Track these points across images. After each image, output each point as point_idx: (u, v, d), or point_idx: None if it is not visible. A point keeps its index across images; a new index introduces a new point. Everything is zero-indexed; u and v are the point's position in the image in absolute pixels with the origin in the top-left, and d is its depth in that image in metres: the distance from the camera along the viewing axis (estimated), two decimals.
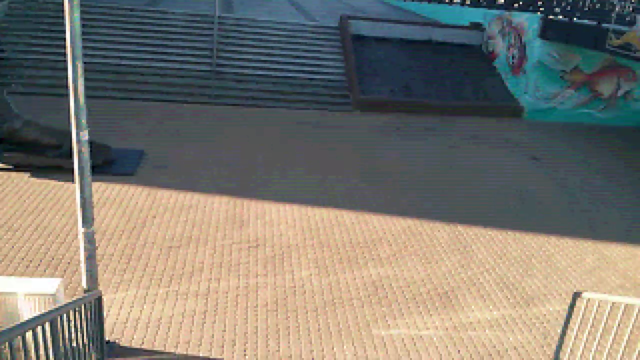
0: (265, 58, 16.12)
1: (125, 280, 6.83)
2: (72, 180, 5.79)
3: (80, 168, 4.84)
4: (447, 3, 23.39)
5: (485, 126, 15.25)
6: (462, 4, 21.81)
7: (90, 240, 5.24)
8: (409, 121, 14.91)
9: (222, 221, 8.57)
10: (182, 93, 14.55)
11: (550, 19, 15.62)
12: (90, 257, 5.34)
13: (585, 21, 14.42)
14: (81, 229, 5.19)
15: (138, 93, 14.23)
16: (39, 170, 9.45)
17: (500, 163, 12.68)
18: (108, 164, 10.08)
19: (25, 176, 9.37)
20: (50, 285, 5.16)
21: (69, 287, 6.50)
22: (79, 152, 4.79)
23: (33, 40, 14.90)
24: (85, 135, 4.74)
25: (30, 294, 5.11)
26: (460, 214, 9.75)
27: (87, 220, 5.13)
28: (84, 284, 5.40)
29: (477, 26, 18.91)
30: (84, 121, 4.71)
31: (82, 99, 4.65)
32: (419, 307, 6.99)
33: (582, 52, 15.57)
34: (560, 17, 15.63)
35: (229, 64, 15.68)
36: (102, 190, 9.16)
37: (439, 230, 9.09)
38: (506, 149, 13.71)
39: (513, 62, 16.91)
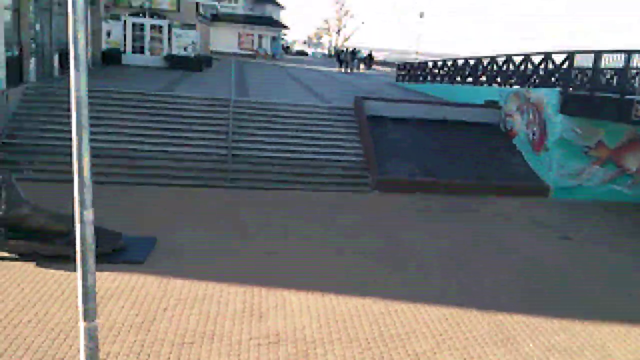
0: (282, 140, 15.88)
1: None
2: None
3: (82, 253, 4.24)
4: (459, 83, 23.48)
5: (511, 206, 14.63)
6: (475, 83, 21.84)
7: (92, 336, 4.56)
8: (430, 201, 14.34)
9: (239, 313, 7.82)
10: (197, 177, 14.18)
11: (570, 93, 15.37)
12: (92, 358, 4.63)
13: (607, 94, 14.09)
14: (82, 324, 4.53)
15: (152, 178, 13.87)
16: (45, 260, 8.87)
17: (531, 244, 11.94)
18: (117, 252, 9.49)
19: (30, 266, 8.77)
20: None
21: None
22: (82, 234, 4.21)
23: (47, 126, 14.79)
24: (89, 215, 4.18)
25: None
26: (497, 300, 8.94)
27: (89, 313, 4.48)
28: None
29: (493, 104, 18.74)
30: (88, 199, 4.16)
31: (86, 172, 4.12)
32: None
33: (606, 126, 15.18)
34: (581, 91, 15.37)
35: (245, 147, 15.41)
36: (110, 280, 8.51)
37: (477, 320, 8.25)
38: (535, 229, 13.00)
39: (534, 139, 16.53)
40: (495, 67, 20.71)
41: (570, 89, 15.63)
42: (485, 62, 21.61)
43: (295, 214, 12.58)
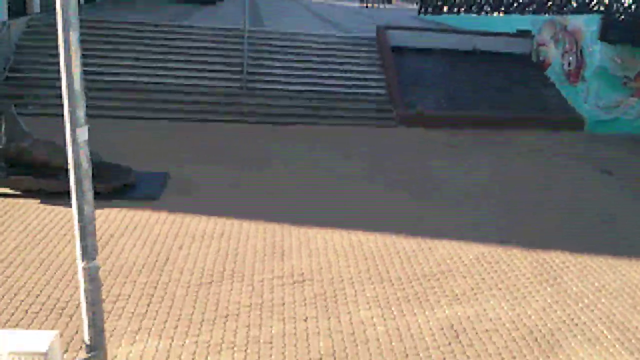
0: (300, 73, 14.94)
1: (144, 328, 5.48)
2: None
3: (77, 180, 3.54)
4: (486, 14, 22.04)
5: (544, 139, 13.72)
6: (506, 11, 20.43)
7: (92, 277, 3.93)
8: (459, 135, 13.47)
9: (260, 251, 7.20)
10: (210, 111, 13.40)
11: (613, 19, 14.13)
12: (94, 302, 4.03)
13: None
14: (80, 263, 3.90)
15: (163, 112, 13.13)
16: (49, 196, 8.27)
17: (570, 179, 11.12)
18: (129, 188, 8.86)
19: (34, 202, 8.19)
20: (42, 340, 3.86)
21: (73, 339, 5.17)
22: (75, 157, 3.50)
23: (52, 60, 13.97)
24: (83, 134, 3.46)
25: (16, 353, 3.82)
26: (539, 238, 8.23)
27: (88, 250, 3.83)
28: (85, 339, 4.07)
29: (525, 33, 17.49)
30: (81, 113, 3.43)
31: (77, 81, 3.37)
32: (514, 357, 5.48)
33: None
34: (623, 17, 14.14)
35: (260, 79, 14.52)
36: (120, 218, 7.91)
37: (518, 259, 7.57)
38: (573, 164, 12.14)
39: (569, 70, 15.40)
40: None
41: (613, 15, 14.37)
42: None
43: (316, 148, 11.83)
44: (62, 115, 3.63)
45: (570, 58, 15.34)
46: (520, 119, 14.55)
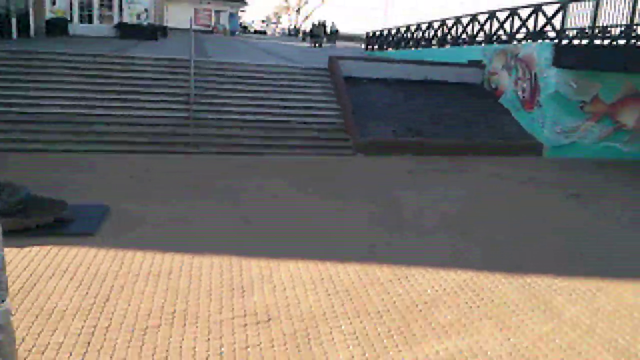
0: (250, 102, 14.23)
1: None
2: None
3: None
4: (435, 47, 22.14)
5: (507, 166, 13.39)
6: (455, 43, 20.52)
7: (2, 326, 2.95)
8: (420, 163, 12.96)
9: (216, 288, 6.25)
10: (155, 143, 12.43)
11: (565, 44, 14.18)
12: (7, 356, 3.03)
13: (609, 40, 12.95)
14: None
15: (103, 144, 12.06)
16: None
17: (539, 204, 10.69)
18: (63, 223, 7.76)
19: None
20: None
21: None
22: None
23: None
24: None
25: None
26: (520, 263, 7.62)
27: None
28: None
29: (476, 63, 17.47)
30: None
31: None
32: None
33: (602, 80, 14.07)
34: (576, 41, 14.21)
35: (209, 110, 13.70)
36: (51, 256, 6.80)
37: (503, 284, 6.90)
38: (538, 188, 11.78)
39: (524, 97, 15.32)
40: (477, 24, 19.39)
41: (565, 40, 14.44)
42: (465, 21, 20.27)
43: (272, 177, 11.02)
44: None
45: (524, 85, 15.28)
46: (480, 147, 14.25)
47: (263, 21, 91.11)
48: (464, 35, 20.12)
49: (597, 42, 13.37)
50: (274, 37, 64.45)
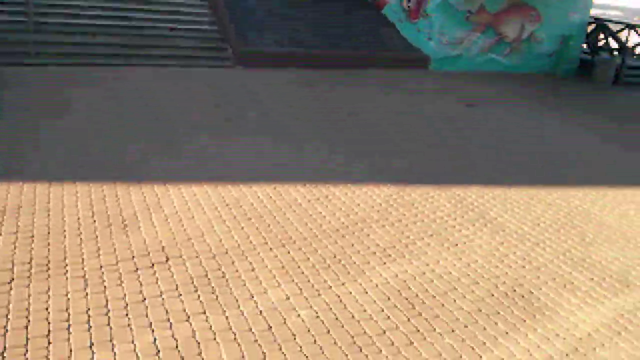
0: (105, 4, 11.84)
1: None
2: None
3: None
4: None
5: (398, 77, 12.60)
6: None
7: None
8: (308, 75, 11.70)
9: (88, 226, 4.67)
10: None
11: None
12: None
13: None
14: None
15: None
16: None
17: (440, 113, 10.01)
18: None
19: None
20: None
21: None
22: None
23: None
24: None
25: None
26: (442, 174, 6.84)
27: None
28: None
29: None
30: None
31: None
32: (496, 324, 3.89)
33: None
34: None
35: (53, 12, 11.15)
36: None
37: (434, 198, 6.06)
38: (437, 99, 11.14)
39: (409, 6, 14.49)
40: None
41: None
42: None
43: (143, 90, 9.13)
44: None
45: None
46: (365, 59, 13.27)
47: None
48: None
49: None
50: None
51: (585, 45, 15.98)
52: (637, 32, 15.62)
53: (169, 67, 10.91)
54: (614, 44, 15.81)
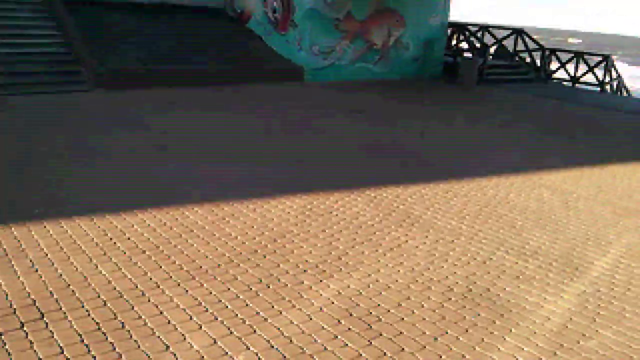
0: None
1: None
2: None
3: None
4: None
5: (277, 91, 11.97)
6: None
7: None
8: (175, 95, 10.63)
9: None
10: None
11: None
12: None
13: None
14: None
15: None
16: None
17: (332, 122, 9.51)
18: None
19: None
20: None
21: None
22: None
23: None
24: None
25: None
26: (348, 179, 6.27)
27: None
28: None
29: None
30: None
31: None
32: (467, 331, 3.30)
33: None
34: None
35: None
36: None
37: (350, 203, 5.42)
38: (327, 109, 10.63)
39: (276, 18, 14.00)
40: None
41: None
42: None
43: None
44: None
45: (275, 3, 13.94)
46: (237, 74, 12.50)
47: None
48: None
49: None
50: None
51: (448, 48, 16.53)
52: (490, 34, 16.54)
53: (17, 96, 9.33)
54: (472, 45, 16.55)
